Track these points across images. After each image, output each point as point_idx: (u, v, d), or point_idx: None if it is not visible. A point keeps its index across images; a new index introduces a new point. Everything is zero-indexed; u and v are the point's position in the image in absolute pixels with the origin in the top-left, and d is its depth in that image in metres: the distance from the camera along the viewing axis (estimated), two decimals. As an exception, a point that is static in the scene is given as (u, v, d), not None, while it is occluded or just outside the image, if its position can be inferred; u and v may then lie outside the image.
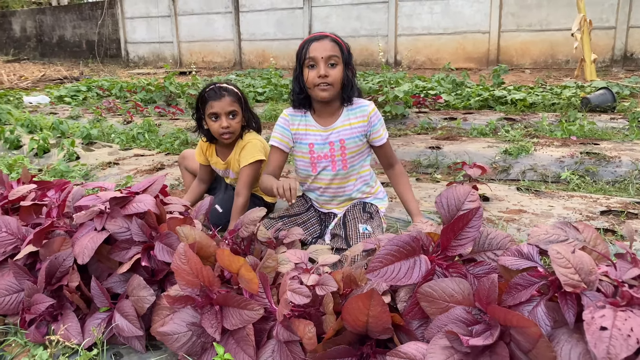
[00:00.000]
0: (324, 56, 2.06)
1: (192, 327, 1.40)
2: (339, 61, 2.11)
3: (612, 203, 2.71)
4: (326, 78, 2.08)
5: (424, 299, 1.22)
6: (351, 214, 2.25)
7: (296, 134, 2.29)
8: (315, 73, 2.08)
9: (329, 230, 2.28)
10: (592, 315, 0.96)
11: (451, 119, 5.45)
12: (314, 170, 2.30)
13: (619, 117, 5.07)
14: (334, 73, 2.09)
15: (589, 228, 1.25)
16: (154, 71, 14.80)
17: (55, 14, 19.77)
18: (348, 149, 2.24)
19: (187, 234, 1.57)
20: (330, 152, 2.25)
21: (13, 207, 2.17)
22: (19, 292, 1.68)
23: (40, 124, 5.61)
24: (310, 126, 2.27)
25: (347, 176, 2.30)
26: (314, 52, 2.07)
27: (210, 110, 2.37)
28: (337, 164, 2.26)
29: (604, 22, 10.44)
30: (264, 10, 14.66)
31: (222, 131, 2.38)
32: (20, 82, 12.47)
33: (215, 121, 2.38)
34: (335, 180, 2.30)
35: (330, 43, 2.10)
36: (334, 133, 2.23)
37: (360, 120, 2.23)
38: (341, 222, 2.24)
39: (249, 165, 2.38)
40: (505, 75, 8.47)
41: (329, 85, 2.10)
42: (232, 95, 2.39)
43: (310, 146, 2.27)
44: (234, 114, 2.39)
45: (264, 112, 6.37)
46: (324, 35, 2.13)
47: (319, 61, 2.07)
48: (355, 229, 2.15)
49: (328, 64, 2.08)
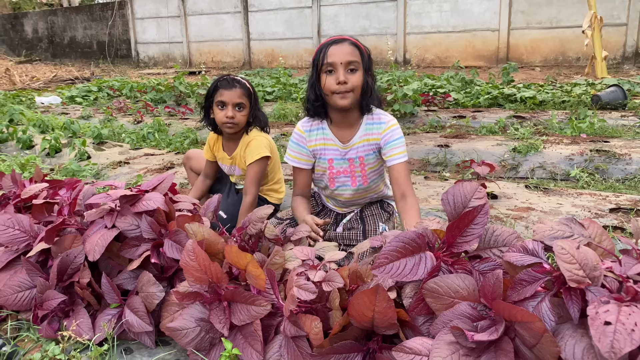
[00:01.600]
0: (343, 61, 1.90)
1: (201, 322, 1.42)
2: (359, 67, 1.94)
3: (622, 200, 2.69)
4: (345, 85, 1.92)
5: (429, 294, 1.23)
6: (369, 210, 2.21)
7: (315, 150, 2.16)
8: (334, 79, 1.92)
9: (342, 223, 2.23)
10: (596, 311, 0.97)
11: (460, 117, 5.43)
12: (332, 185, 2.20)
13: (630, 115, 5.03)
14: (354, 79, 1.93)
15: (594, 224, 1.25)
16: (164, 71, 14.89)
17: (67, 15, 19.95)
18: (367, 165, 2.13)
19: (195, 231, 1.59)
20: (350, 167, 2.14)
21: (25, 206, 2.21)
22: (31, 288, 1.71)
23: (52, 124, 5.68)
24: (328, 140, 2.14)
25: (367, 189, 2.20)
26: (333, 57, 1.91)
27: (219, 97, 2.39)
28: (357, 180, 2.16)
29: (615, 19, 10.35)
30: (273, 9, 14.70)
31: (226, 120, 2.39)
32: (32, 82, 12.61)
33: (222, 110, 2.40)
34: (356, 195, 2.21)
35: (350, 47, 1.93)
36: (353, 150, 2.11)
37: (376, 137, 2.08)
38: (358, 217, 2.21)
39: (254, 162, 2.39)
40: (515, 73, 8.42)
41: (348, 92, 1.94)
42: (243, 88, 2.41)
43: (330, 162, 2.16)
44: (241, 106, 2.41)
45: (273, 112, 6.39)
46: (343, 39, 1.95)
47: (338, 67, 1.91)
48: (375, 226, 2.10)
49: (348, 69, 1.92)
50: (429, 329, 1.23)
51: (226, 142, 2.58)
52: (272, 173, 2.60)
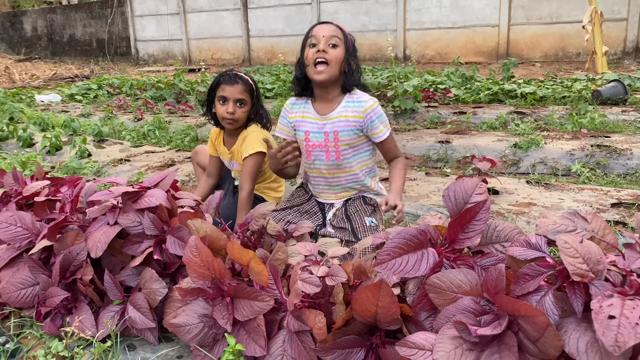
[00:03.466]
0: (325, 35, 2.11)
1: (204, 318, 1.42)
2: (340, 43, 2.14)
3: (623, 195, 2.69)
4: (324, 54, 2.10)
5: (432, 290, 1.23)
6: (353, 207, 2.26)
7: (294, 121, 2.34)
8: (315, 49, 2.12)
9: (329, 221, 2.29)
10: (600, 304, 0.97)
11: (461, 113, 5.43)
12: (308, 158, 2.34)
13: (630, 110, 5.02)
14: (333, 52, 2.12)
15: (597, 218, 1.26)
16: (164, 69, 14.86)
17: (66, 13, 19.91)
18: (341, 140, 2.24)
19: (198, 228, 1.59)
20: (325, 141, 2.26)
21: (27, 203, 2.21)
22: (34, 285, 1.71)
23: (52, 122, 5.67)
24: (307, 113, 2.30)
25: (340, 167, 2.30)
26: (316, 32, 2.13)
27: (221, 92, 2.41)
28: (331, 155, 2.27)
29: (615, 14, 10.31)
30: (272, 6, 14.65)
31: (226, 116, 2.41)
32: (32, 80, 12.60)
33: (223, 105, 2.42)
34: (331, 170, 2.31)
35: (334, 27, 2.16)
36: (329, 124, 2.24)
37: (356, 115, 2.21)
38: (344, 215, 2.24)
39: (249, 157, 2.39)
40: (515, 68, 8.40)
41: (325, 64, 2.12)
42: (245, 84, 2.42)
43: (306, 134, 2.30)
44: (243, 102, 2.42)
45: (273, 108, 6.38)
46: (329, 22, 2.21)
47: (320, 39, 2.11)
48: (362, 222, 2.15)
49: (329, 44, 2.12)
50: (432, 323, 1.23)
51: (227, 137, 2.59)
52: (269, 170, 2.59)
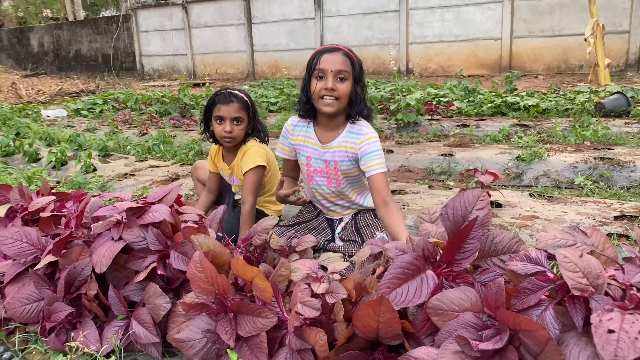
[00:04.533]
0: (333, 69, 2.04)
1: (207, 334, 1.43)
2: (349, 76, 2.08)
3: (626, 208, 2.69)
4: (333, 92, 2.06)
5: (434, 313, 1.22)
6: (363, 220, 2.26)
7: (296, 144, 2.32)
8: (323, 85, 2.06)
9: (338, 235, 2.30)
10: (600, 319, 0.97)
11: (464, 125, 5.45)
12: (310, 183, 2.34)
13: (633, 122, 5.02)
14: (342, 88, 2.07)
15: (597, 232, 1.26)
16: (169, 83, 14.99)
17: (72, 29, 20.16)
18: (341, 171, 2.23)
19: (201, 243, 1.61)
20: (326, 169, 2.26)
21: (33, 218, 2.23)
22: (39, 301, 1.72)
23: (57, 137, 5.72)
24: (309, 138, 2.28)
25: (341, 194, 2.31)
26: (325, 64, 2.05)
27: (217, 113, 2.43)
28: (332, 182, 2.27)
29: (617, 27, 10.37)
30: (276, 21, 14.81)
31: (224, 135, 2.43)
32: (38, 96, 12.72)
33: (220, 124, 2.44)
34: (333, 195, 2.32)
35: (342, 57, 2.06)
36: (329, 152, 2.22)
37: (354, 146, 2.17)
38: (353, 228, 2.25)
39: (250, 171, 2.41)
40: (518, 81, 8.44)
41: (335, 99, 2.08)
42: (240, 102, 2.44)
43: (308, 159, 2.29)
44: (239, 120, 2.44)
45: (277, 122, 6.43)
46: (336, 48, 2.09)
47: (328, 74, 2.04)
48: (372, 236, 2.14)
49: (337, 77, 2.05)
50: (434, 338, 1.23)
51: (226, 153, 2.62)
52: (269, 184, 2.62)
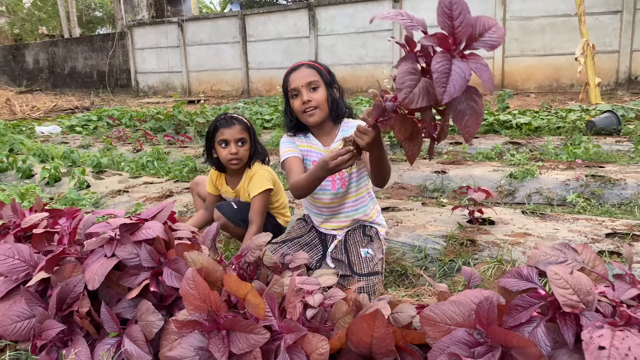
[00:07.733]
0: (303, 83, 2.17)
1: (200, 351, 1.42)
2: (320, 84, 2.20)
3: (618, 225, 2.71)
4: (310, 102, 2.17)
5: (426, 322, 1.23)
6: (352, 239, 2.29)
7: (303, 150, 2.35)
8: (300, 100, 2.18)
9: (330, 254, 2.31)
10: (591, 335, 0.98)
11: (457, 143, 5.49)
12: None
13: (624, 140, 5.08)
14: (317, 96, 2.18)
15: (587, 249, 1.27)
16: (164, 100, 15.04)
17: (67, 46, 20.24)
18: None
19: (194, 260, 1.61)
20: None
21: (25, 235, 2.22)
22: (30, 318, 1.71)
23: (51, 153, 5.72)
24: (313, 144, 2.33)
25: (345, 195, 2.33)
26: (294, 82, 2.18)
27: (221, 137, 2.49)
28: (337, 183, 2.31)
29: (607, 46, 10.54)
30: (271, 39, 14.94)
31: (230, 157, 2.49)
32: (32, 112, 12.72)
33: (225, 148, 2.50)
34: (335, 200, 2.34)
35: (307, 69, 2.20)
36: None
37: None
38: (342, 247, 2.27)
39: (258, 195, 2.47)
40: (510, 99, 8.54)
41: (314, 108, 2.19)
42: (242, 124, 2.53)
43: (314, 164, 2.31)
44: (243, 141, 2.51)
45: (272, 139, 6.45)
46: (299, 65, 2.24)
47: (301, 89, 2.17)
48: (357, 254, 2.18)
49: (310, 89, 2.17)
50: (427, 355, 1.24)
51: (229, 177, 2.66)
52: (275, 197, 2.68)
